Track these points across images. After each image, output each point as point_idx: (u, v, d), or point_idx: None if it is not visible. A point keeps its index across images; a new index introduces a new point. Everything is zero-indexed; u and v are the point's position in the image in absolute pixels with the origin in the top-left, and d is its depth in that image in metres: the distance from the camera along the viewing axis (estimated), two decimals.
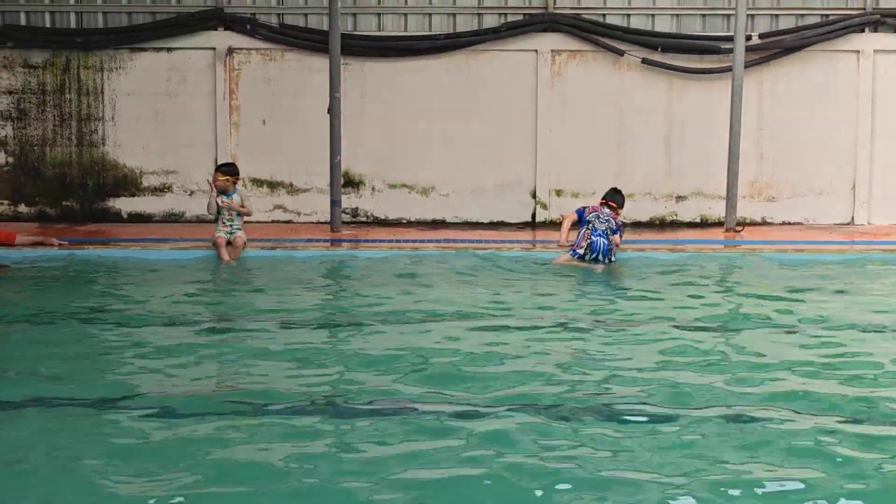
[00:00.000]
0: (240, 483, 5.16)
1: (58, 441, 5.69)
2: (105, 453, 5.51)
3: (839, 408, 6.24)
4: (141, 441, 5.71)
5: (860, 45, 13.56)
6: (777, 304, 9.28)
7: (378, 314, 8.95)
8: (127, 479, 5.18)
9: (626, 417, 6.06)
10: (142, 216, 13.90)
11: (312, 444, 5.63)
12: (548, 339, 8.01)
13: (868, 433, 5.80)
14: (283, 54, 13.74)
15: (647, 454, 5.46)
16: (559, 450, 5.56)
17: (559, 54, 13.67)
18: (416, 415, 6.10)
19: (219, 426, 5.93)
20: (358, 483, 5.11)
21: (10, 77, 13.85)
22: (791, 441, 5.65)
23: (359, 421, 5.99)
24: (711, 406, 6.26)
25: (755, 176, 13.65)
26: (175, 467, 5.32)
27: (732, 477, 5.17)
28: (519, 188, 13.79)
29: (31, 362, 7.30)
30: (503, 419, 6.02)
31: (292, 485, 5.13)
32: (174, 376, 6.95)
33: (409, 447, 5.59)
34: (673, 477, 5.17)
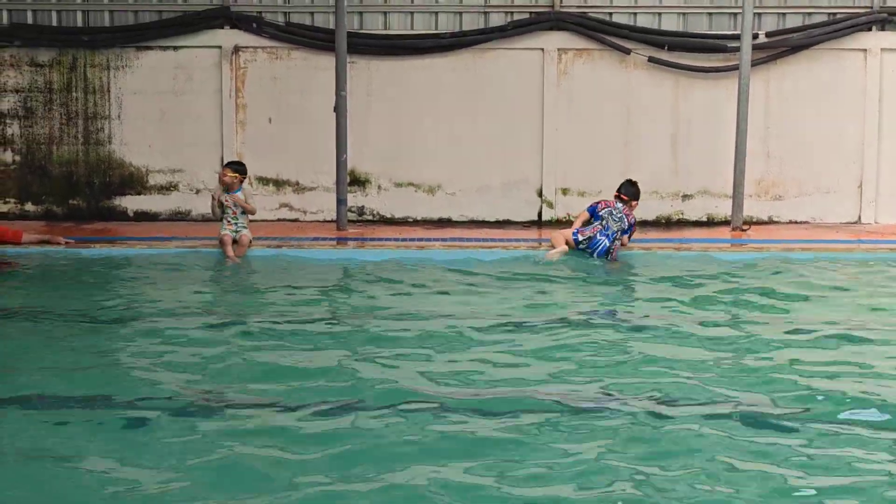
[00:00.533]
0: (242, 482, 5.16)
1: (58, 438, 5.72)
2: (107, 451, 5.54)
3: (846, 404, 6.25)
4: (145, 439, 5.75)
5: (867, 43, 13.50)
6: (782, 302, 9.29)
7: (381, 313, 8.97)
8: (136, 477, 5.20)
9: (633, 414, 6.06)
10: (148, 214, 13.90)
11: (320, 443, 5.64)
12: (553, 337, 8.01)
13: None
14: (290, 53, 13.73)
15: (665, 450, 5.50)
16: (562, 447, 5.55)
17: (565, 53, 13.64)
18: (417, 413, 6.11)
19: (219, 425, 5.96)
20: (361, 483, 5.13)
21: (16, 75, 13.84)
22: (797, 438, 5.64)
23: (366, 420, 6.00)
24: (717, 403, 6.26)
25: (762, 174, 13.61)
26: (180, 466, 5.35)
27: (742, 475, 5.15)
28: (525, 187, 13.77)
29: (33, 359, 7.33)
30: (511, 418, 6.03)
31: (298, 482, 5.13)
32: (178, 374, 7.02)
33: (414, 445, 5.61)
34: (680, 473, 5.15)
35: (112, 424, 5.97)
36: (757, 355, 7.48)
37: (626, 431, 5.80)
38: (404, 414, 6.09)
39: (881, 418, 6.06)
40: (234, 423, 5.99)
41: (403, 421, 5.97)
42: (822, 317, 8.77)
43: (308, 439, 5.71)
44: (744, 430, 5.82)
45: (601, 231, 11.33)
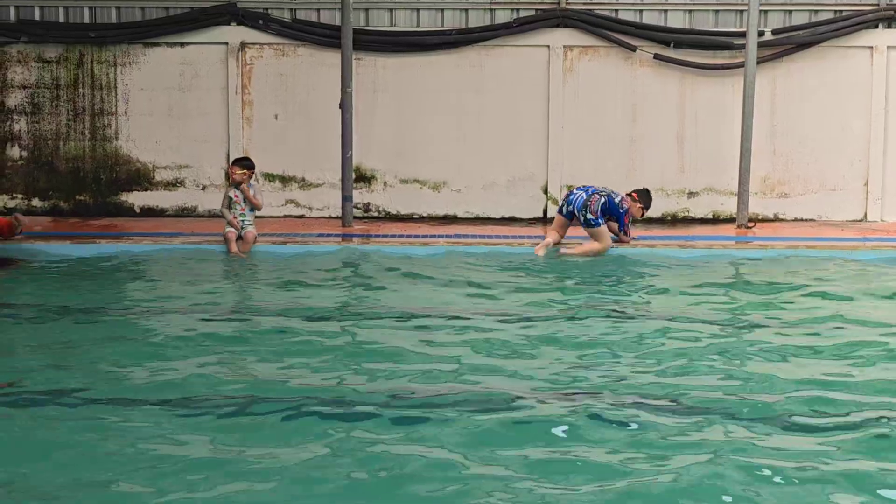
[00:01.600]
0: (246, 479, 5.16)
1: (63, 435, 5.71)
2: (112, 449, 5.51)
3: (850, 405, 6.23)
4: (155, 436, 5.72)
5: (874, 41, 13.47)
6: (785, 300, 9.26)
7: (384, 309, 8.97)
8: (140, 474, 5.19)
9: (633, 414, 6.04)
10: (154, 210, 13.92)
11: (323, 440, 5.63)
12: (553, 333, 8.01)
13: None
14: (296, 49, 13.74)
15: (666, 449, 5.48)
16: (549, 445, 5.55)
17: (571, 50, 13.63)
18: (418, 407, 6.13)
19: (222, 422, 5.95)
20: (373, 479, 5.13)
21: (23, 72, 13.87)
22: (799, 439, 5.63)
23: (372, 416, 5.98)
24: (721, 401, 6.25)
25: (767, 172, 13.59)
26: (179, 460, 5.34)
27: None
28: (530, 183, 13.76)
29: (37, 355, 7.34)
30: (520, 411, 6.04)
31: (306, 479, 5.14)
32: (182, 370, 6.99)
33: (413, 441, 5.61)
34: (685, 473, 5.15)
35: (113, 420, 5.96)
36: (758, 353, 7.45)
37: (626, 429, 5.79)
38: (406, 409, 6.10)
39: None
40: (232, 418, 5.99)
41: (405, 416, 5.98)
42: (823, 314, 8.72)
43: (305, 435, 5.70)
44: (749, 429, 5.79)
45: (580, 188, 11.47)
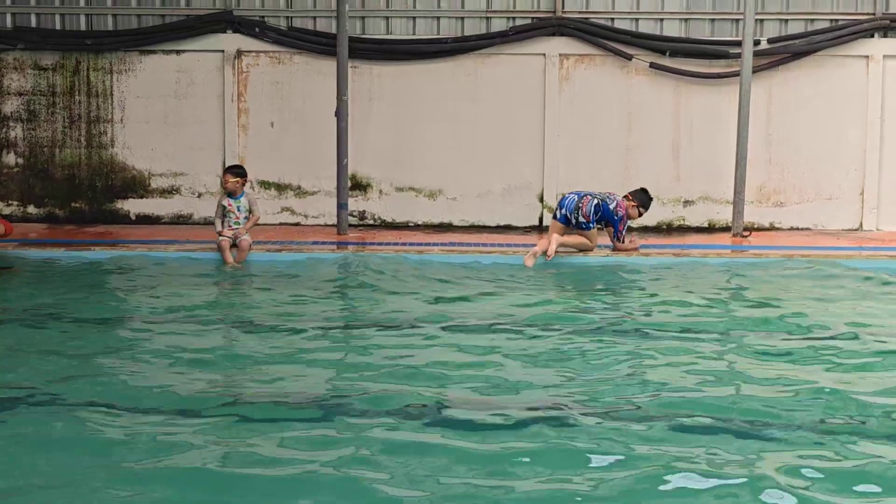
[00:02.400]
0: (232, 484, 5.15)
1: (56, 442, 5.71)
2: (105, 457, 5.53)
3: (841, 411, 6.24)
4: (136, 441, 5.72)
5: (870, 50, 13.48)
6: (778, 309, 9.24)
7: (376, 317, 8.97)
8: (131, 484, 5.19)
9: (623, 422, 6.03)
10: (150, 218, 13.93)
11: (321, 448, 5.64)
12: (542, 344, 8.01)
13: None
14: (292, 57, 13.76)
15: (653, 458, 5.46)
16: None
17: (567, 58, 13.63)
18: (412, 417, 6.10)
19: (217, 429, 5.96)
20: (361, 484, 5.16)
21: (20, 79, 13.90)
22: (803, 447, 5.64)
23: (364, 426, 5.99)
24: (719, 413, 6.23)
25: (763, 181, 13.59)
26: (174, 466, 5.37)
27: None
28: (526, 192, 13.76)
29: (33, 362, 7.34)
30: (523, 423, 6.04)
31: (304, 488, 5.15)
32: (177, 378, 7.01)
33: (410, 449, 5.62)
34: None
35: (110, 427, 5.96)
36: (751, 362, 7.45)
37: (610, 441, 5.77)
38: (398, 417, 6.09)
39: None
40: (228, 427, 5.98)
41: (397, 424, 5.98)
42: (815, 323, 8.71)
43: (300, 443, 5.72)
44: (745, 439, 5.80)
45: (572, 191, 11.59)
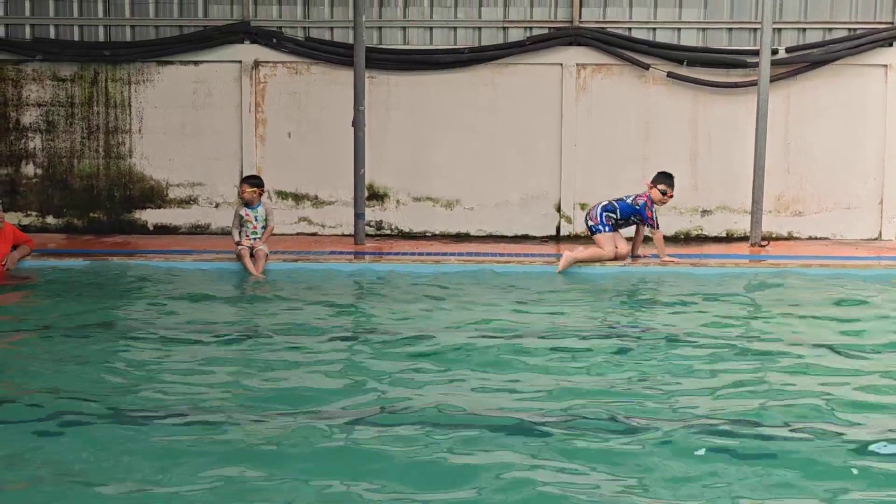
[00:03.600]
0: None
1: (79, 451, 5.75)
2: (128, 463, 5.58)
3: (859, 423, 6.21)
4: (153, 449, 5.77)
5: (888, 59, 13.46)
6: (798, 318, 9.24)
7: (392, 327, 8.98)
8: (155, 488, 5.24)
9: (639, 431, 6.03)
10: (168, 228, 13.98)
11: (340, 456, 5.68)
12: (561, 351, 8.03)
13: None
14: (309, 67, 13.79)
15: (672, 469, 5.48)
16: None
17: (584, 68, 13.62)
18: (430, 427, 6.12)
19: (228, 436, 5.99)
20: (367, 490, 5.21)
21: (39, 90, 13.96)
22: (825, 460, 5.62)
23: (377, 434, 6.01)
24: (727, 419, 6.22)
25: (781, 190, 13.55)
26: (191, 474, 5.42)
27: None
28: (543, 202, 13.74)
29: (51, 371, 7.38)
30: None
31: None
32: (190, 386, 7.07)
33: (427, 459, 5.64)
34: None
35: (116, 434, 6.00)
36: (772, 370, 7.45)
37: (637, 447, 5.76)
38: (415, 427, 6.11)
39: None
40: (244, 436, 6.01)
41: (416, 434, 6.01)
42: (838, 332, 8.69)
43: (315, 453, 5.74)
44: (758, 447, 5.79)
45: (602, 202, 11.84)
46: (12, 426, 6.18)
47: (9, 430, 6.09)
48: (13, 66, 13.96)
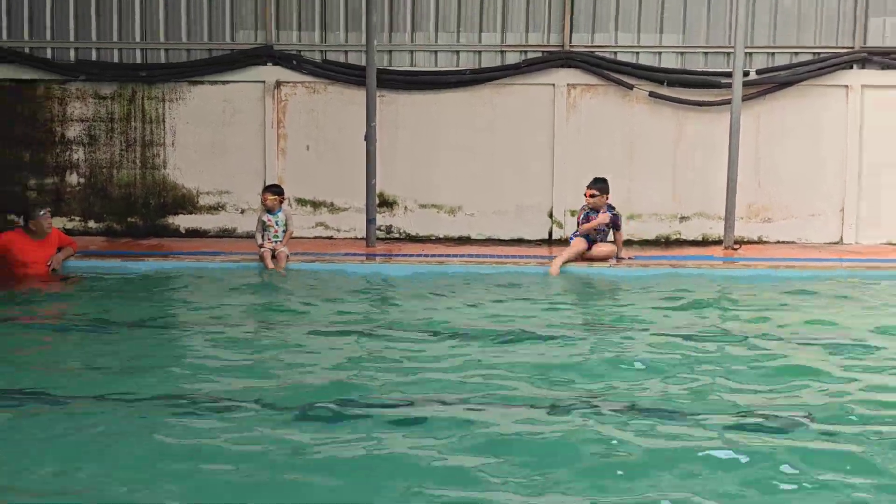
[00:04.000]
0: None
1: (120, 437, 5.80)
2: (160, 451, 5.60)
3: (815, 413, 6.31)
4: (180, 436, 5.80)
5: (849, 80, 13.57)
6: (767, 315, 9.32)
7: (403, 320, 9.09)
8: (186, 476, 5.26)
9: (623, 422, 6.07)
10: (198, 232, 14.11)
11: (349, 446, 5.66)
12: (543, 348, 8.08)
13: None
14: (326, 87, 13.93)
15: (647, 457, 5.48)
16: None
17: (574, 88, 13.77)
18: (432, 416, 6.15)
19: (255, 425, 6.01)
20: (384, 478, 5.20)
21: (82, 107, 14.10)
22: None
23: (384, 420, 6.04)
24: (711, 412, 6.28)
25: (752, 199, 13.68)
26: (222, 465, 5.41)
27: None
28: (537, 209, 13.91)
29: (96, 362, 7.50)
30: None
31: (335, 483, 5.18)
32: (224, 378, 7.08)
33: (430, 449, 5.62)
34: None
35: (153, 422, 6.05)
36: (748, 364, 7.47)
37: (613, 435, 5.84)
38: (422, 417, 6.13)
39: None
40: (264, 422, 6.05)
41: (426, 424, 6.01)
42: (804, 325, 8.82)
43: (342, 442, 5.73)
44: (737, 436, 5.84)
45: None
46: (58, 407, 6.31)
47: (62, 413, 6.20)
48: (59, 85, 14.06)
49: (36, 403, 6.38)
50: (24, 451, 5.51)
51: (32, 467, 5.31)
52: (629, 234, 13.48)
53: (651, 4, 13.79)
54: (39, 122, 14.12)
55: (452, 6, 13.92)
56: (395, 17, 13.94)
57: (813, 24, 13.69)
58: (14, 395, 6.56)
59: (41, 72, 14.05)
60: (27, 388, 6.71)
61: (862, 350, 7.95)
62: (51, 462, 5.39)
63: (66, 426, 5.92)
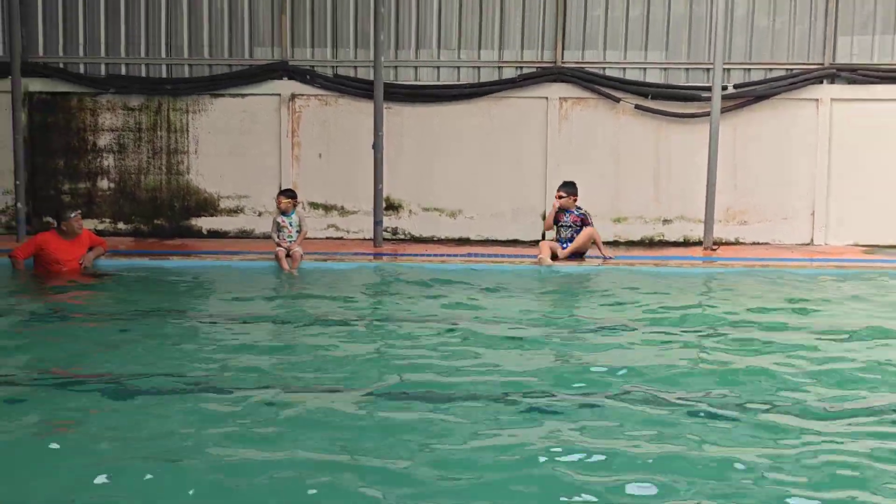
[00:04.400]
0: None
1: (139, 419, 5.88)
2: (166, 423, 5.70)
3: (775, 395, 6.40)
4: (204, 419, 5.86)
5: (819, 94, 13.66)
6: (743, 307, 9.38)
7: (408, 314, 9.14)
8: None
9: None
10: (219, 233, 14.19)
11: (357, 433, 5.66)
12: (536, 340, 8.11)
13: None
14: (337, 100, 14.00)
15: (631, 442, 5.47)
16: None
17: (566, 101, 13.84)
18: (433, 403, 6.15)
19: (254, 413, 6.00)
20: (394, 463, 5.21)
21: (112, 118, 14.18)
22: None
23: (393, 411, 6.03)
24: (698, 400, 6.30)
25: (730, 203, 13.75)
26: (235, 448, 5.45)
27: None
28: (531, 212, 13.96)
29: (122, 351, 7.57)
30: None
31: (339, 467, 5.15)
32: (243, 367, 7.12)
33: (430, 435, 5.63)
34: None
35: (181, 404, 6.13)
36: (728, 352, 7.57)
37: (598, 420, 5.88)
38: (425, 404, 6.14)
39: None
40: (275, 408, 6.08)
41: (426, 412, 6.01)
42: (777, 317, 8.87)
43: (348, 427, 5.76)
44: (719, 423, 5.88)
45: (559, 240, 12.06)
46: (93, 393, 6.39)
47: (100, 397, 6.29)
48: (91, 97, 14.13)
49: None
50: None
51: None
52: (616, 235, 13.57)
53: (637, 24, 13.87)
54: (73, 131, 14.21)
55: (453, 25, 14.00)
56: (400, 35, 14.01)
57: (786, 42, 13.78)
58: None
59: (74, 85, 14.15)
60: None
61: (818, 341, 8.03)
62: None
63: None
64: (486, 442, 5.44)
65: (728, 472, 5.03)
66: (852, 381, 6.71)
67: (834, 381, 6.69)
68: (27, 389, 6.42)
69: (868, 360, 7.28)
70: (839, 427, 5.71)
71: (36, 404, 6.10)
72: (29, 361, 7.16)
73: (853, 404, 6.17)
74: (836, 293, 10.41)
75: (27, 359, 7.24)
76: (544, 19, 13.92)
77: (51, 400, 6.20)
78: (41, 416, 5.87)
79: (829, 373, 6.93)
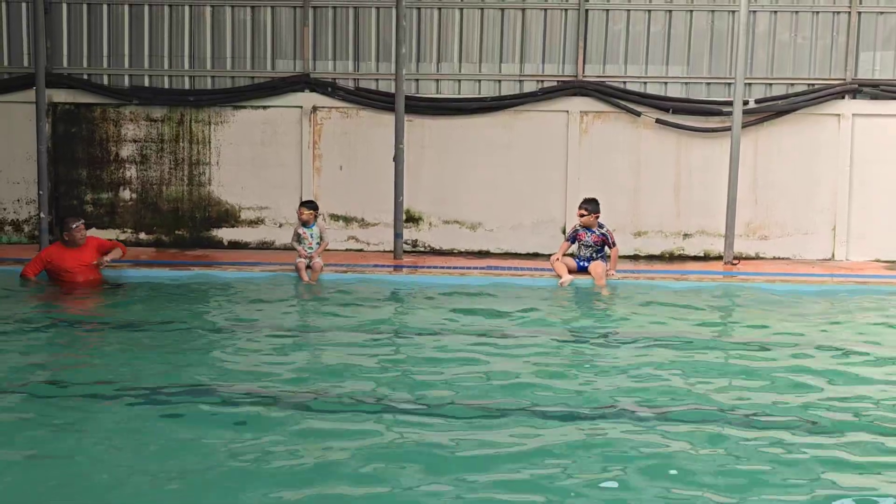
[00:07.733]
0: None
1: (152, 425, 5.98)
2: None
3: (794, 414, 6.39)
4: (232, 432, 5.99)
5: (841, 109, 13.60)
6: (764, 322, 9.36)
7: (426, 326, 9.16)
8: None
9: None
10: (239, 244, 14.23)
11: (369, 440, 5.80)
12: (553, 353, 8.19)
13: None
14: (358, 112, 14.03)
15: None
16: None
17: (586, 115, 13.83)
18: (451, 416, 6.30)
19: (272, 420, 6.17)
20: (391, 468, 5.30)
21: (135, 129, 14.26)
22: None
23: (404, 417, 6.18)
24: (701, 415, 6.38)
25: (750, 218, 13.69)
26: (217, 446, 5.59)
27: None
28: (551, 225, 13.95)
29: (136, 359, 7.60)
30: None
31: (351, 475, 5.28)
32: (259, 374, 7.26)
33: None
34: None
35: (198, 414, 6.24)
36: (750, 368, 7.60)
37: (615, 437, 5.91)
38: (443, 416, 6.27)
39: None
40: (289, 418, 6.23)
41: (444, 422, 6.15)
42: (797, 333, 8.84)
43: (362, 434, 5.87)
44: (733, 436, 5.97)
45: (577, 259, 11.88)
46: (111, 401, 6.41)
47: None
48: (114, 109, 14.19)
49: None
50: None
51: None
52: (636, 249, 13.53)
53: (658, 39, 13.86)
54: (96, 141, 14.29)
55: (475, 39, 14.02)
56: (422, 48, 14.05)
57: (808, 57, 13.74)
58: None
59: (98, 96, 14.24)
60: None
61: (840, 355, 8.03)
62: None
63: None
64: (521, 457, 5.54)
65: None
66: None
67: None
68: (39, 400, 6.50)
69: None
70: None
71: (54, 415, 6.14)
72: (46, 374, 7.21)
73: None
74: (859, 310, 10.36)
75: (45, 373, 7.33)
76: (565, 33, 13.94)
77: (61, 413, 6.24)
78: (57, 429, 5.91)
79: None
